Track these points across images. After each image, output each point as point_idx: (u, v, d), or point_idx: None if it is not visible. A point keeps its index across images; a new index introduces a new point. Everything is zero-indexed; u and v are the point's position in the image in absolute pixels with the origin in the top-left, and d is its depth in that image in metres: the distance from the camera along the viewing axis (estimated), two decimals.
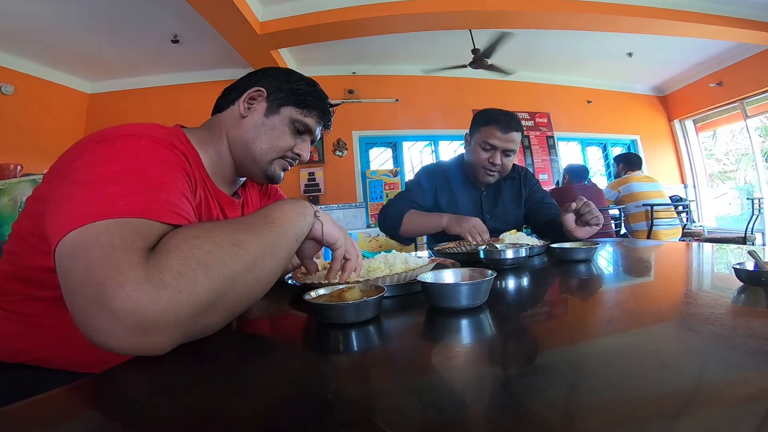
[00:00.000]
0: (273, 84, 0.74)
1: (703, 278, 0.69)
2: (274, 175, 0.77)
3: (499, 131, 1.31)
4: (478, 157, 1.35)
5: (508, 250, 0.80)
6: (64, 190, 0.47)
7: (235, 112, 0.74)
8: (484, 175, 1.36)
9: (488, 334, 0.44)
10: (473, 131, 1.40)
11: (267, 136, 0.73)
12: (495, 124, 1.31)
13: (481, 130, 1.34)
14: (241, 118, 0.73)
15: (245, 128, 0.73)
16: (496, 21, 3.40)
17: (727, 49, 4.37)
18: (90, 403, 0.34)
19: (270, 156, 0.74)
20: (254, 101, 0.74)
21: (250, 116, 0.73)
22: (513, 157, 1.37)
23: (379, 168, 4.75)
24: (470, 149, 1.40)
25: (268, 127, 0.73)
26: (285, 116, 0.74)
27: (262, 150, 0.73)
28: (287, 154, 0.76)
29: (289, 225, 0.53)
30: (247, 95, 0.73)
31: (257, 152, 0.73)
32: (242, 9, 2.90)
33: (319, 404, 0.29)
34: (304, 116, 0.75)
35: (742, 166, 5.47)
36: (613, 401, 0.26)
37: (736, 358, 0.31)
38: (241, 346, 0.47)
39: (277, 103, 0.74)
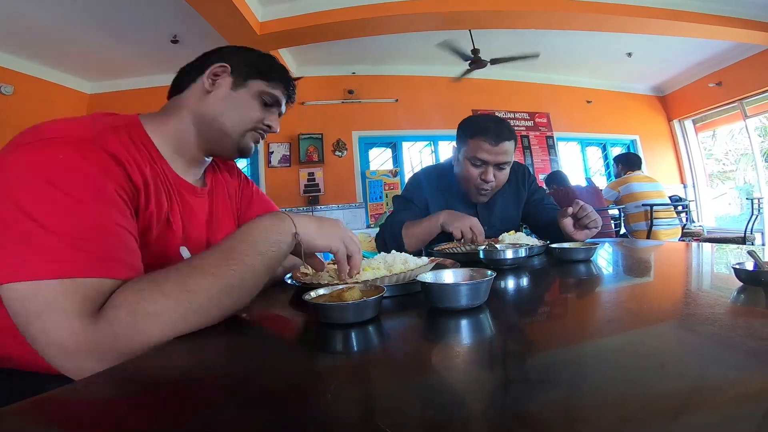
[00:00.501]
0: (234, 59, 0.73)
1: (702, 278, 0.69)
2: (246, 147, 0.75)
3: (488, 143, 1.16)
4: (468, 175, 1.21)
5: (508, 250, 0.80)
6: None
7: (197, 89, 0.71)
8: (476, 194, 1.24)
9: (488, 334, 0.44)
10: (460, 144, 1.25)
11: (236, 109, 0.72)
12: (482, 136, 1.16)
13: (469, 144, 1.20)
14: (206, 93, 0.71)
15: (212, 102, 0.71)
16: (496, 21, 3.41)
17: (727, 49, 4.38)
18: (89, 404, 0.34)
19: (241, 128, 0.73)
20: (218, 77, 0.72)
21: (216, 91, 0.71)
22: (507, 169, 1.24)
23: (378, 168, 4.75)
24: (459, 165, 1.25)
25: (236, 100, 0.72)
26: (253, 89, 0.73)
27: (233, 123, 0.72)
28: (258, 126, 0.75)
29: (256, 258, 0.51)
30: (210, 71, 0.71)
31: (228, 125, 0.71)
32: (242, 9, 2.90)
33: (319, 404, 0.29)
34: (272, 89, 0.75)
35: (742, 166, 5.47)
36: (613, 401, 0.26)
37: (736, 358, 0.31)
38: (241, 346, 0.47)
39: (243, 77, 0.73)
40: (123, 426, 0.29)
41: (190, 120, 0.70)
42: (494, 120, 1.22)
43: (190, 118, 0.70)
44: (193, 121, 0.71)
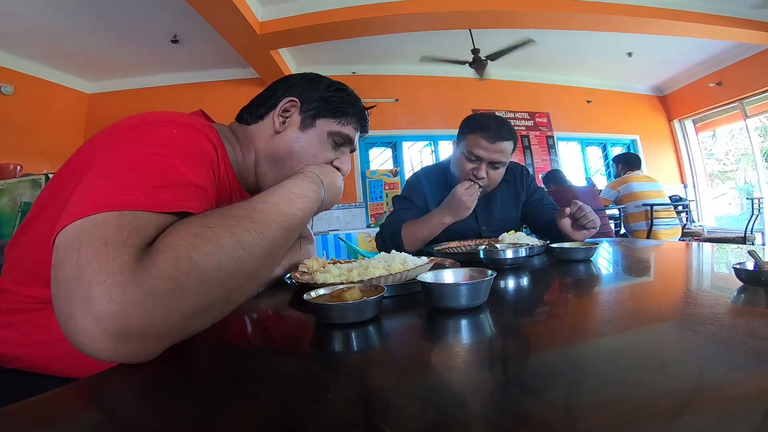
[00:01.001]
0: (304, 93, 0.70)
1: (703, 278, 0.69)
2: None
3: (485, 140, 1.17)
4: (462, 169, 1.22)
5: (508, 250, 0.80)
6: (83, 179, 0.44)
7: (267, 127, 0.69)
8: None
9: (488, 334, 0.44)
10: (460, 138, 1.27)
11: (306, 153, 0.68)
12: (481, 132, 1.17)
13: (467, 138, 1.21)
14: (275, 133, 0.68)
15: (280, 144, 0.67)
16: (496, 21, 3.41)
17: (727, 49, 4.38)
18: (88, 405, 0.34)
19: None
20: (288, 113, 0.69)
21: (286, 131, 0.68)
22: (502, 170, 1.24)
23: (378, 168, 4.75)
24: (455, 158, 1.27)
25: (306, 141, 0.68)
26: (322, 130, 0.69)
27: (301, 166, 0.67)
28: None
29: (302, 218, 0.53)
30: (281, 107, 0.68)
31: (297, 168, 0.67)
32: (242, 9, 2.90)
33: (319, 404, 0.29)
34: (342, 126, 0.71)
35: (742, 165, 5.47)
36: (613, 401, 0.26)
37: (736, 358, 0.31)
38: (241, 346, 0.47)
39: (312, 115, 0.69)
40: (123, 426, 0.29)
41: (256, 158, 0.69)
42: (496, 119, 1.22)
43: (256, 156, 0.69)
44: (258, 160, 0.69)
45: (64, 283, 0.35)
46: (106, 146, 0.49)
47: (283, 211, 0.50)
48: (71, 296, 0.34)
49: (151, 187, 0.42)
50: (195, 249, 0.38)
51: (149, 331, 0.35)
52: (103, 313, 0.33)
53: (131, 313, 0.33)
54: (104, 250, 0.35)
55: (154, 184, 0.42)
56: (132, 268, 0.35)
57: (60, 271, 0.36)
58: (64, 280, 0.35)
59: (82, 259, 0.35)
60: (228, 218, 0.43)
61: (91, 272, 0.34)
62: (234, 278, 0.41)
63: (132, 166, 0.44)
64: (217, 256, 0.39)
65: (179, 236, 0.39)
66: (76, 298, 0.34)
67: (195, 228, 0.40)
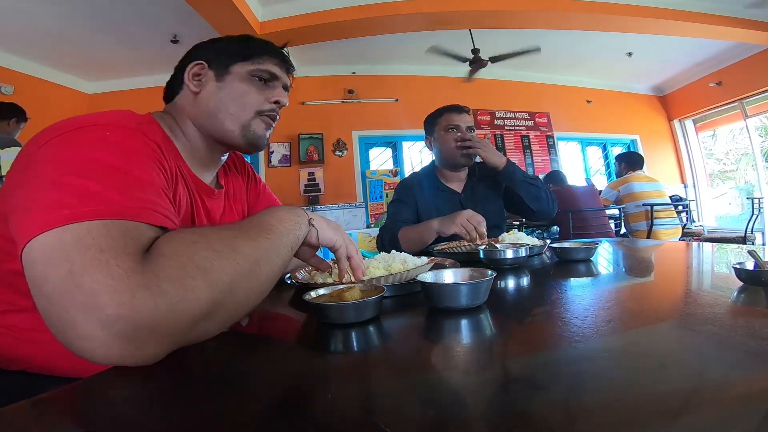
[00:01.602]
0: (209, 54, 0.70)
1: (703, 278, 0.69)
2: (255, 137, 0.70)
3: (453, 114, 1.45)
4: (448, 141, 1.43)
5: (508, 250, 0.80)
6: (30, 186, 0.42)
7: (187, 94, 0.69)
8: (461, 154, 1.41)
9: (488, 334, 0.44)
10: (431, 128, 1.52)
11: (231, 99, 0.68)
12: (447, 112, 1.47)
13: (438, 122, 1.48)
14: (195, 96, 0.69)
15: (204, 102, 0.68)
16: (496, 21, 3.41)
17: (727, 48, 4.37)
18: (87, 405, 0.34)
19: (243, 118, 0.69)
20: (199, 75, 0.69)
21: (204, 90, 0.68)
22: (475, 133, 1.46)
23: (379, 168, 4.75)
24: (437, 143, 1.49)
25: (227, 90, 0.68)
26: (239, 73, 0.69)
27: (231, 115, 0.68)
28: (263, 109, 0.70)
29: (284, 232, 0.51)
30: (189, 74, 0.69)
31: (228, 120, 0.68)
32: (242, 9, 2.91)
33: (319, 404, 0.29)
34: (259, 64, 0.70)
35: (742, 165, 5.47)
36: (613, 401, 0.26)
37: (736, 358, 0.31)
38: (241, 346, 0.47)
39: (224, 65, 0.69)
40: (123, 426, 0.29)
41: (192, 125, 0.69)
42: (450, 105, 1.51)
43: (191, 123, 0.69)
44: (195, 125, 0.69)
45: (56, 294, 0.35)
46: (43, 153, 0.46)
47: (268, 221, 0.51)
48: (69, 306, 0.34)
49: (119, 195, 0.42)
50: (196, 254, 0.39)
51: (158, 334, 0.35)
52: (112, 317, 0.33)
53: (142, 316, 0.34)
54: (102, 258, 0.35)
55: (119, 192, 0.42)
56: (139, 272, 0.35)
57: (48, 284, 0.35)
58: (55, 292, 0.35)
59: (77, 268, 0.35)
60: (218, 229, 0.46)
61: (93, 280, 0.34)
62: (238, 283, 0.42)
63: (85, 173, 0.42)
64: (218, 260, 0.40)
65: (179, 243, 0.40)
66: (76, 306, 0.34)
67: (193, 236, 0.42)
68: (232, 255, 0.42)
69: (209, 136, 0.69)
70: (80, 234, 0.37)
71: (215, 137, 0.70)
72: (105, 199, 0.40)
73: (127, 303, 0.34)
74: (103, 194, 0.41)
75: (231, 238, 0.44)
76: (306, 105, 4.50)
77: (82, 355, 0.34)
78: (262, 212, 0.54)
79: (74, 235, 0.37)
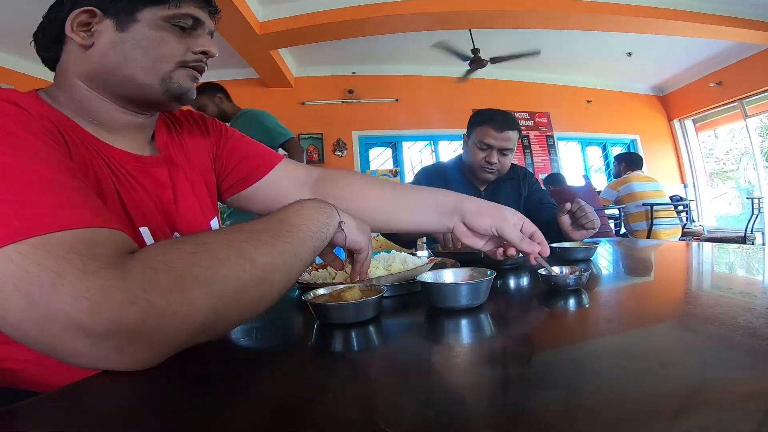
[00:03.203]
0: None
1: (703, 278, 0.69)
2: (181, 90, 0.57)
3: (494, 130, 1.33)
4: (475, 157, 1.37)
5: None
6: None
7: (72, 49, 0.54)
8: (483, 173, 1.39)
9: (488, 334, 0.44)
10: (470, 131, 1.42)
11: (141, 51, 0.53)
12: (490, 124, 1.33)
13: (477, 130, 1.37)
14: (84, 49, 0.53)
15: (101, 57, 0.53)
16: (496, 21, 3.41)
17: (727, 48, 4.37)
18: (86, 405, 0.34)
19: (163, 69, 0.55)
20: (89, 25, 0.53)
21: (99, 41, 0.53)
22: (510, 156, 1.39)
23: (379, 168, 4.76)
24: (468, 150, 1.43)
25: (134, 41, 0.53)
26: (150, 20, 0.54)
27: (145, 68, 0.54)
28: (187, 59, 0.57)
29: (308, 235, 0.46)
30: (72, 24, 0.52)
31: (140, 74, 0.54)
32: (242, 9, 2.91)
33: (319, 404, 0.29)
34: (177, 8, 0.55)
35: (742, 165, 5.47)
36: (613, 401, 0.26)
37: (736, 358, 0.31)
38: (240, 347, 0.47)
39: (127, 10, 0.53)
40: (123, 426, 0.29)
41: (86, 86, 0.54)
42: (501, 112, 1.38)
43: (84, 83, 0.54)
44: (89, 86, 0.54)
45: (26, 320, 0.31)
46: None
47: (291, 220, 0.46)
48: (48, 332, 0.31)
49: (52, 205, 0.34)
50: (195, 265, 0.35)
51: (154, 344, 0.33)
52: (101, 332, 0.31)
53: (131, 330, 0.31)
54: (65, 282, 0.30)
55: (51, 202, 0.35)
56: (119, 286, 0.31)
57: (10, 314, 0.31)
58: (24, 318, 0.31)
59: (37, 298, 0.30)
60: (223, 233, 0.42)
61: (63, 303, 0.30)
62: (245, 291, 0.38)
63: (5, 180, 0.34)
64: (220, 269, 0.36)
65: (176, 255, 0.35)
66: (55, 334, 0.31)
67: (189, 246, 0.37)
68: (239, 262, 0.37)
69: (111, 95, 0.55)
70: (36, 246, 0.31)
71: (123, 95, 0.56)
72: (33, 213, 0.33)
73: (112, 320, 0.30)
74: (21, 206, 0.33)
75: (239, 243, 0.39)
76: (306, 105, 4.50)
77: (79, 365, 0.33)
78: (287, 207, 0.48)
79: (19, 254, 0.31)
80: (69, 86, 0.54)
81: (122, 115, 0.57)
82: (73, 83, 0.54)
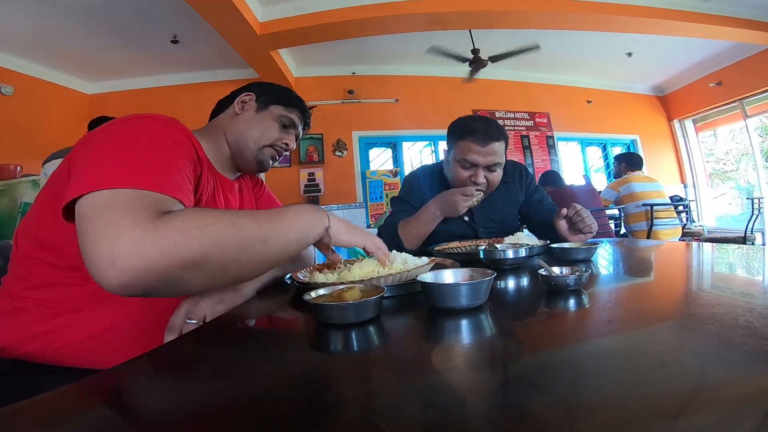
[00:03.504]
0: (259, 89, 0.91)
1: (703, 278, 0.69)
2: (264, 160, 0.90)
3: (477, 144, 1.14)
4: (458, 177, 1.19)
5: (508, 250, 0.80)
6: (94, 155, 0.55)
7: (230, 113, 0.89)
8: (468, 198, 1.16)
9: (488, 334, 0.44)
10: (450, 146, 1.24)
11: (258, 127, 0.88)
12: (471, 137, 1.14)
13: (458, 145, 1.18)
14: (235, 115, 0.88)
15: (240, 121, 0.88)
16: (496, 21, 3.41)
17: (727, 48, 4.37)
18: (87, 404, 0.34)
19: (261, 143, 0.88)
20: (245, 103, 0.89)
21: (244, 113, 0.89)
22: (500, 170, 1.22)
23: (378, 168, 4.75)
24: (448, 166, 1.24)
25: (259, 119, 0.88)
26: (273, 113, 0.90)
27: (254, 137, 0.87)
28: (276, 144, 0.90)
29: (294, 227, 0.59)
30: (239, 99, 0.89)
31: (250, 140, 0.87)
32: (242, 9, 2.90)
33: (320, 404, 0.29)
34: (289, 112, 0.91)
35: (742, 165, 5.47)
36: (614, 401, 0.26)
37: (736, 358, 0.31)
38: (241, 346, 0.47)
39: (265, 102, 0.90)
40: (122, 425, 0.29)
41: (224, 137, 0.87)
42: (482, 120, 1.19)
43: (224, 136, 0.87)
44: (225, 137, 0.87)
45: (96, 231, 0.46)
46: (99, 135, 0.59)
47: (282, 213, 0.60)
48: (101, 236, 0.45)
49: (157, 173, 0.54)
50: (198, 218, 0.50)
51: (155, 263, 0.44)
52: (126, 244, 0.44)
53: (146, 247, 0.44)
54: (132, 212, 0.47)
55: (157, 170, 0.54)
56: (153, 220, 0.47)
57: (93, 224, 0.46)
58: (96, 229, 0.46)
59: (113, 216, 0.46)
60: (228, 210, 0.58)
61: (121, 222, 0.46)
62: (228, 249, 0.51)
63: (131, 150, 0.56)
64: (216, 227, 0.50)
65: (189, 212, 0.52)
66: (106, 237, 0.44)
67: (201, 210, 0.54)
68: (229, 227, 0.51)
69: (230, 146, 0.87)
70: (128, 196, 0.49)
71: (235, 151, 0.87)
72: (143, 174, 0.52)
73: (138, 237, 0.45)
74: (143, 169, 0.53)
75: (235, 216, 0.53)
76: None
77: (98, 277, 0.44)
78: (287, 206, 0.63)
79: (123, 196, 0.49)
80: (216, 133, 0.87)
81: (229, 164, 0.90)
82: (218, 132, 0.88)
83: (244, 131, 0.87)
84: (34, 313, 0.62)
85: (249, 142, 0.87)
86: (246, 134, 0.87)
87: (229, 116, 0.89)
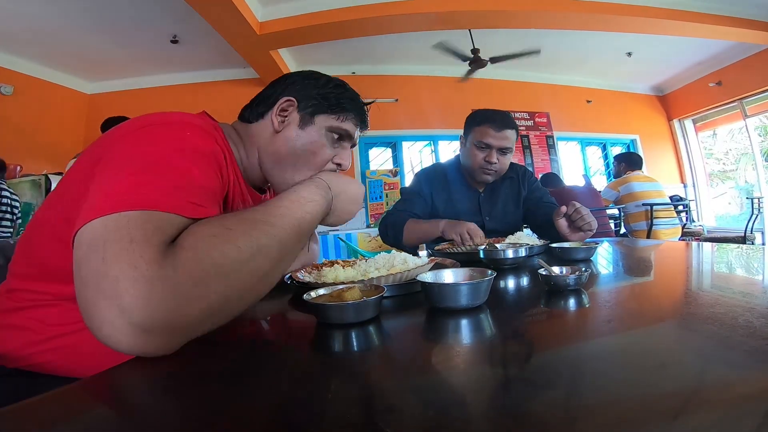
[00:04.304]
0: (302, 92, 0.70)
1: (703, 278, 0.69)
2: None
3: (493, 130, 1.31)
4: (474, 158, 1.35)
5: (508, 250, 0.80)
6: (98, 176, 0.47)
7: (267, 126, 0.70)
8: (482, 174, 1.36)
9: (488, 334, 0.44)
10: (467, 132, 1.41)
11: (303, 154, 0.69)
12: (488, 123, 1.32)
13: (475, 130, 1.35)
14: (275, 133, 0.69)
15: (280, 144, 0.69)
16: (496, 21, 3.41)
17: (727, 48, 4.38)
18: (88, 405, 0.34)
19: (304, 175, 0.68)
20: (286, 112, 0.69)
21: (285, 130, 0.69)
22: (509, 155, 1.37)
23: (378, 168, 4.75)
24: (466, 151, 1.41)
25: (305, 140, 0.69)
26: (321, 126, 0.70)
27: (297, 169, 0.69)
28: (323, 168, 0.71)
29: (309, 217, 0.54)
30: (278, 107, 0.69)
31: (289, 169, 0.69)
32: (242, 9, 2.90)
33: (320, 404, 0.29)
34: (341, 122, 0.71)
35: (742, 165, 5.47)
36: (614, 401, 0.26)
37: (736, 358, 0.31)
38: (241, 347, 0.47)
39: (310, 112, 0.70)
40: (122, 426, 0.29)
41: (259, 156, 0.71)
42: (499, 111, 1.38)
43: (259, 154, 0.70)
44: (262, 158, 0.70)
45: (90, 278, 0.37)
46: (117, 146, 0.50)
47: (294, 215, 0.52)
48: (98, 290, 0.36)
49: (170, 189, 0.44)
50: (215, 248, 0.41)
51: (170, 325, 0.37)
52: (130, 305, 0.35)
53: (155, 306, 0.36)
54: (130, 248, 0.38)
55: (171, 186, 0.45)
56: (158, 263, 0.37)
57: (84, 267, 0.38)
58: (89, 276, 0.37)
59: (108, 256, 0.37)
60: (244, 221, 0.46)
61: (119, 268, 0.36)
62: (249, 278, 0.43)
63: (147, 167, 0.46)
64: (235, 256, 0.42)
65: (200, 237, 0.42)
66: (102, 292, 0.36)
67: (214, 229, 0.43)
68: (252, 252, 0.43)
69: (265, 166, 0.71)
70: (120, 224, 0.39)
71: (269, 175, 0.72)
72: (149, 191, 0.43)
73: (143, 294, 0.36)
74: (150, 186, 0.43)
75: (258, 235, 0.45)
76: None
77: (103, 340, 0.36)
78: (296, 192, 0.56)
79: (114, 222, 0.40)
80: (249, 147, 0.71)
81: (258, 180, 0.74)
82: (252, 147, 0.71)
83: (284, 159, 0.69)
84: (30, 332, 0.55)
85: (288, 173, 0.69)
86: (287, 163, 0.69)
87: (266, 131, 0.70)
